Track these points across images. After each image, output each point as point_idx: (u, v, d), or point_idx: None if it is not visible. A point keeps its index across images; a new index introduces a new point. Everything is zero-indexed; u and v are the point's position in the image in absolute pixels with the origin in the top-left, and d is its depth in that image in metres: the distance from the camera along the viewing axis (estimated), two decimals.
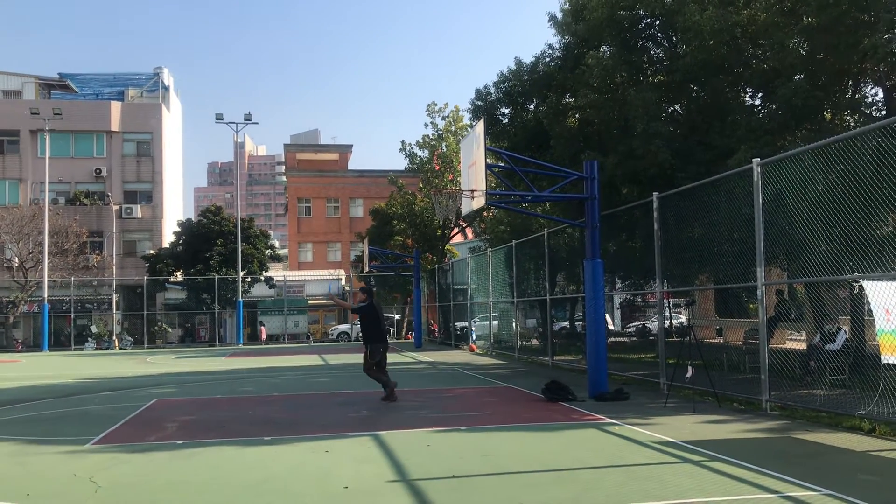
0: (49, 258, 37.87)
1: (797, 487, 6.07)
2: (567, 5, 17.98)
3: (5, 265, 40.60)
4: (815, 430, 8.83)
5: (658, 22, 16.48)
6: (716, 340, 18.43)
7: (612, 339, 27.33)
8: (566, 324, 27.05)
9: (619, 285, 21.75)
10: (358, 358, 24.49)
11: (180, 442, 8.95)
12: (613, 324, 34.46)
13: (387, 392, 12.57)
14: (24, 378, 19.47)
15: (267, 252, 44.55)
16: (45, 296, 37.54)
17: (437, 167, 37.08)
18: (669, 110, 17.02)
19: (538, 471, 7.06)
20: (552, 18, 18.26)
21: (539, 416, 10.60)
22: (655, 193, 13.08)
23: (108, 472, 7.31)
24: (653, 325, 30.68)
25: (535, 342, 23.64)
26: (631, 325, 35.13)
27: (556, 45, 18.46)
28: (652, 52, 17.33)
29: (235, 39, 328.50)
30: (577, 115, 17.51)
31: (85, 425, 10.50)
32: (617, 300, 34.56)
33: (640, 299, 32.76)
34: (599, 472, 7.04)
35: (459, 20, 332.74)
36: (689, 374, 11.65)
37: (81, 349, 38.12)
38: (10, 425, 10.68)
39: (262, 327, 42.58)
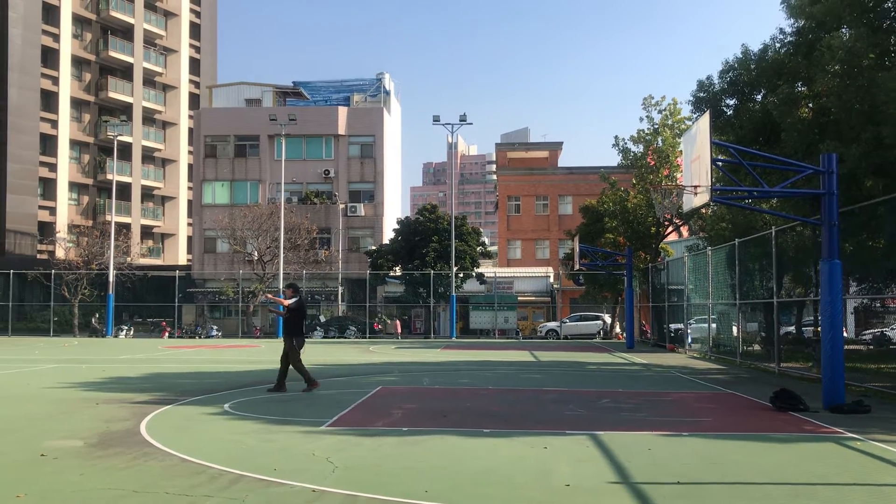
0: (283, 252, 41.21)
1: None
2: None
3: (247, 259, 44.72)
4: None
5: None
6: None
7: (847, 346, 25.13)
8: (792, 328, 25.27)
9: (853, 288, 19.95)
10: (569, 356, 24.61)
11: (405, 429, 9.38)
12: (847, 330, 31.67)
13: (274, 384, 13.44)
14: (264, 362, 21.32)
15: (478, 249, 45.60)
16: (281, 287, 40.87)
17: (652, 162, 35.93)
18: None
19: (771, 483, 6.67)
20: (784, 0, 17.07)
21: (768, 426, 9.99)
22: None
23: (342, 453, 7.83)
24: (893, 332, 27.83)
25: (756, 347, 22.29)
26: (866, 332, 32.11)
27: (788, 30, 17.25)
28: None
29: (449, 42, 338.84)
30: (810, 105, 16.24)
31: (319, 408, 11.31)
32: (851, 305, 31.74)
33: (878, 304, 29.85)
34: (841, 489, 6.51)
35: (677, 11, 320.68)
36: None
37: (310, 337, 41.13)
38: (255, 404, 11.75)
39: (397, 321, 43.47)
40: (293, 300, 13.90)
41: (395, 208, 55.64)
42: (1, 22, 51.54)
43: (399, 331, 43.54)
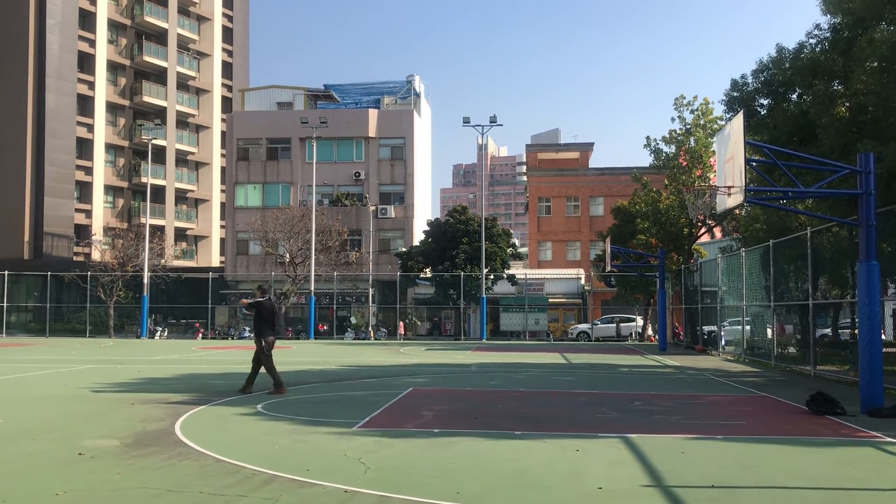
0: (315, 254, 41.49)
1: None
2: None
3: (278, 261, 45.07)
4: None
5: None
6: None
7: (885, 349, 24.65)
8: (828, 331, 24.87)
9: (891, 290, 19.59)
10: (600, 358, 24.45)
11: (437, 430, 9.39)
12: (885, 333, 31.05)
13: (274, 388, 13.32)
14: (296, 363, 21.47)
15: (509, 250, 45.48)
16: (312, 288, 41.18)
17: (685, 163, 35.55)
18: None
19: (808, 488, 6.57)
20: None
21: (803, 430, 9.84)
22: None
23: (374, 454, 7.85)
24: None
25: (791, 349, 21.99)
26: None
27: (825, 26, 16.98)
28: None
29: (479, 44, 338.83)
30: (847, 103, 15.98)
31: (350, 409, 11.37)
32: (889, 307, 31.13)
33: None
34: (880, 495, 6.40)
35: (709, 9, 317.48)
36: None
37: (342, 338, 41.37)
38: (288, 405, 11.84)
39: (401, 323, 43.23)
40: (259, 300, 13.94)
41: (425, 210, 55.71)
42: (39, 29, 52.56)
43: (403, 332, 42.98)
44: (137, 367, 19.68)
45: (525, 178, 72.47)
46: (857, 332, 13.36)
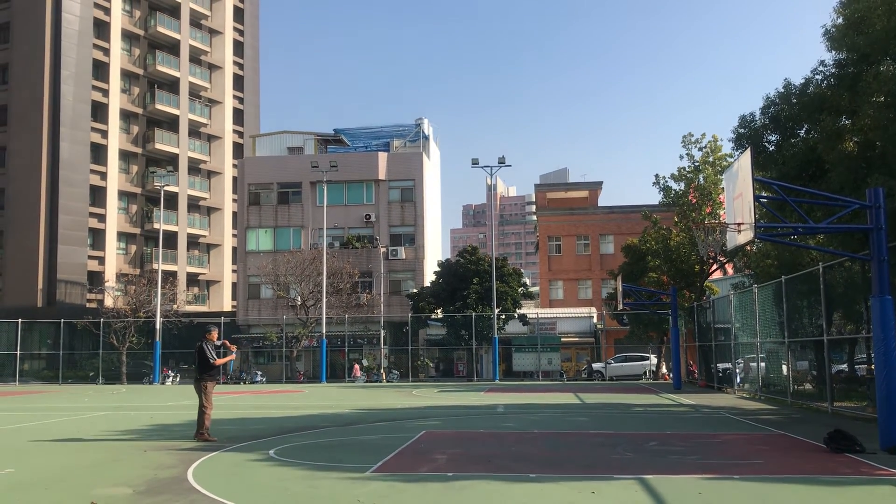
0: (326, 297, 41.53)
1: None
2: (840, 20, 16.60)
3: (290, 304, 45.13)
4: None
5: None
6: None
7: None
8: (844, 366, 24.60)
9: None
10: (615, 398, 24.22)
11: (450, 474, 9.30)
12: None
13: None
14: (308, 407, 21.38)
15: (520, 290, 45.40)
16: (324, 331, 41.15)
17: (694, 200, 35.61)
18: None
19: None
20: (827, 32, 16.96)
21: (822, 468, 9.69)
22: None
23: (388, 499, 7.78)
24: None
25: (807, 386, 21.75)
26: None
27: (830, 62, 17.12)
28: None
29: (485, 87, 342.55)
30: (855, 139, 16.03)
31: (363, 453, 11.28)
32: None
33: None
34: None
35: (714, 46, 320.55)
36: None
37: (353, 381, 41.17)
38: (300, 450, 11.77)
39: (356, 365, 42.35)
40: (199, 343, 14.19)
41: (435, 251, 55.81)
42: (54, 80, 53.55)
43: (358, 374, 41.52)
44: (150, 413, 19.64)
45: (535, 217, 72.63)
46: (873, 367, 13.22)
